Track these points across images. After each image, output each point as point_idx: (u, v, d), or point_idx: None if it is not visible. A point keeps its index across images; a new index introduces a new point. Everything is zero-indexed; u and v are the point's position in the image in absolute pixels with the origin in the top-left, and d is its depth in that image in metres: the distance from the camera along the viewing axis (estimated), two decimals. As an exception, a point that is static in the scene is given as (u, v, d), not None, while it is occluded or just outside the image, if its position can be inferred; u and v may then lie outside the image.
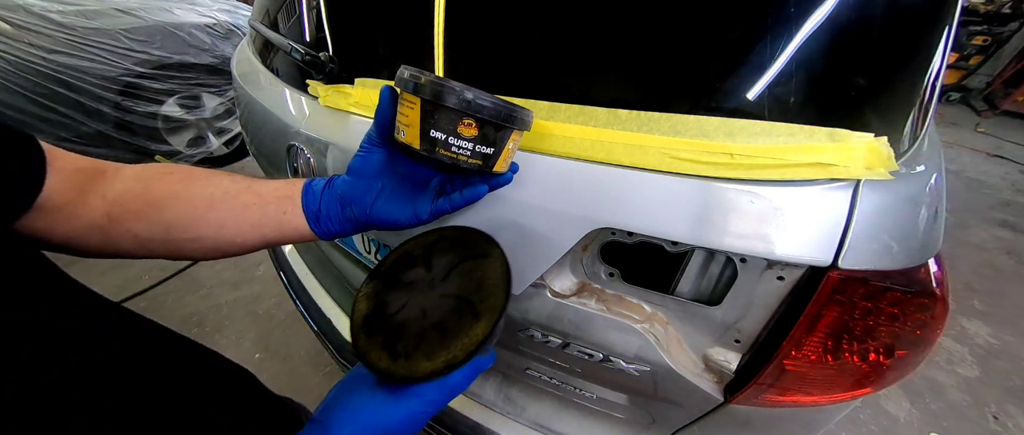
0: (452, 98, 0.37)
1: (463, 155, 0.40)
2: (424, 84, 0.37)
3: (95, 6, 2.18)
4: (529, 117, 0.41)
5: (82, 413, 0.24)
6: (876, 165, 0.39)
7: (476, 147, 0.40)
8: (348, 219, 0.45)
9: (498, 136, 0.40)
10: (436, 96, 0.37)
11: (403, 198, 0.45)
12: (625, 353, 0.56)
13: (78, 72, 2.05)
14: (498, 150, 0.41)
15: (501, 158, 0.42)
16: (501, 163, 0.42)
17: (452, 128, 0.39)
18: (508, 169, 0.45)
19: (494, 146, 0.40)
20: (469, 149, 0.40)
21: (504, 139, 0.40)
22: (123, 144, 2.28)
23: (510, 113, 0.39)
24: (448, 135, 0.39)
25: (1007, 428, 1.51)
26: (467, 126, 0.39)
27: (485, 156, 0.40)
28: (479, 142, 0.40)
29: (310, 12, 0.72)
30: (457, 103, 0.37)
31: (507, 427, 0.80)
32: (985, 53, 5.05)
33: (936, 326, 0.46)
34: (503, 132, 0.40)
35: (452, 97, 0.37)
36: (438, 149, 0.39)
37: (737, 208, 0.42)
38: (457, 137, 0.39)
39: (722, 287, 0.49)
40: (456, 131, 0.39)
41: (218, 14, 2.57)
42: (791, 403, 0.54)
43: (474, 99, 0.37)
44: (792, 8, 0.42)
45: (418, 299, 0.41)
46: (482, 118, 0.38)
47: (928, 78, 0.46)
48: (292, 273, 1.12)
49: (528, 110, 0.41)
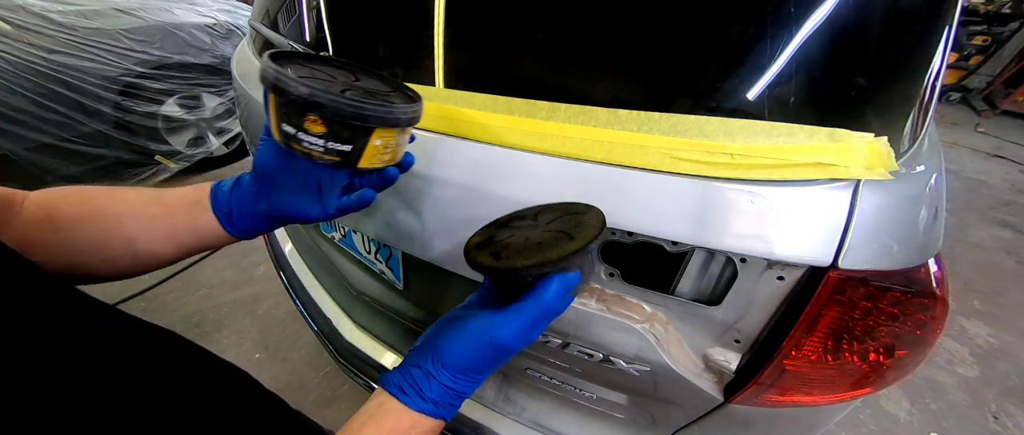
0: (287, 93, 0.35)
1: (316, 151, 0.38)
2: (264, 76, 0.35)
3: (95, 6, 2.18)
4: (401, 114, 0.39)
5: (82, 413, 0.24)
6: (876, 165, 0.39)
7: (328, 144, 0.37)
8: (260, 215, 0.44)
9: (353, 134, 0.38)
10: (275, 90, 0.35)
11: (309, 191, 0.43)
12: (625, 353, 0.56)
13: (78, 72, 2.05)
14: (358, 147, 0.39)
15: (366, 155, 0.39)
16: (369, 159, 0.40)
17: (300, 123, 0.37)
18: (389, 163, 0.43)
19: (351, 143, 0.38)
20: (321, 145, 0.38)
21: (362, 137, 0.38)
22: (123, 144, 2.28)
23: (358, 113, 0.36)
24: (297, 130, 0.37)
25: (1007, 428, 1.51)
26: (313, 122, 0.36)
27: (342, 153, 0.38)
28: (330, 139, 0.37)
29: (310, 12, 0.72)
30: (295, 99, 0.35)
31: (507, 427, 0.80)
32: (985, 53, 5.05)
33: (936, 326, 0.46)
34: (358, 130, 0.38)
35: (287, 92, 0.35)
36: (291, 143, 0.38)
37: (737, 208, 0.42)
38: (305, 132, 0.37)
39: (722, 287, 0.49)
40: (304, 126, 0.37)
41: (218, 14, 2.56)
42: (791, 403, 0.54)
43: (309, 96, 0.35)
44: (792, 8, 0.42)
45: (524, 233, 0.42)
46: (325, 117, 0.36)
47: (928, 78, 0.46)
48: (292, 273, 1.12)
49: (400, 106, 0.39)
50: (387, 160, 0.42)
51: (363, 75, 0.47)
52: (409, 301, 0.81)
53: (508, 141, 0.49)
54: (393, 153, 0.42)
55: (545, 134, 0.48)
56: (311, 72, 0.41)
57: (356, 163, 0.40)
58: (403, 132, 0.42)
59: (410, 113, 0.40)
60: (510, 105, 0.50)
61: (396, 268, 0.75)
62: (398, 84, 0.47)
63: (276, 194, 0.43)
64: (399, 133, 0.41)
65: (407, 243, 0.61)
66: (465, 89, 0.53)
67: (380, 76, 0.48)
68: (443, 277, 0.61)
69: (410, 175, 0.55)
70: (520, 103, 0.49)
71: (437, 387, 0.36)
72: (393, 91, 0.45)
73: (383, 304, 0.87)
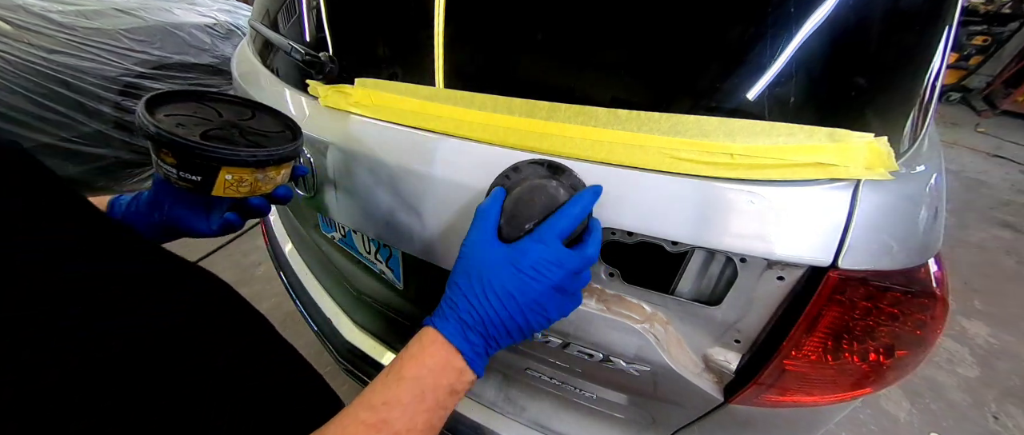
0: (143, 130, 0.41)
1: (172, 177, 0.44)
2: (136, 113, 0.42)
3: (95, 6, 2.18)
4: (248, 156, 0.44)
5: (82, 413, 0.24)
6: (876, 165, 0.39)
7: (181, 173, 0.43)
8: (156, 225, 0.49)
9: (200, 168, 0.43)
10: (138, 128, 0.42)
11: (199, 208, 0.49)
12: (625, 353, 0.56)
13: (78, 72, 2.05)
14: (207, 179, 0.44)
15: (218, 186, 0.45)
16: (223, 189, 0.45)
17: (157, 151, 0.43)
18: (249, 193, 0.48)
19: (202, 174, 0.43)
20: (174, 173, 0.43)
21: (211, 171, 0.43)
22: (123, 144, 2.28)
23: (200, 154, 0.42)
24: (157, 156, 0.44)
25: (1007, 428, 1.51)
26: (165, 154, 0.43)
27: (194, 182, 0.44)
28: (182, 169, 0.43)
29: (310, 12, 0.72)
30: (148, 136, 0.41)
31: (507, 427, 0.80)
32: (985, 53, 5.05)
33: (936, 326, 0.46)
34: (204, 166, 0.43)
35: (143, 130, 0.41)
36: (156, 166, 0.45)
37: (737, 208, 0.42)
38: (161, 160, 0.43)
39: (722, 287, 0.49)
40: (160, 154, 0.43)
41: (218, 14, 2.57)
42: (791, 403, 0.54)
43: (156, 135, 0.41)
44: (792, 8, 0.42)
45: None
46: (173, 152, 0.42)
47: (928, 78, 0.46)
48: (292, 273, 1.12)
49: (243, 150, 0.44)
50: (245, 192, 0.47)
51: (262, 113, 0.54)
52: (409, 301, 0.81)
53: (508, 141, 0.49)
54: (253, 186, 0.48)
55: (545, 134, 0.48)
56: (194, 110, 0.48)
57: (209, 192, 0.45)
58: (262, 170, 0.47)
59: (259, 156, 0.45)
60: (510, 105, 0.50)
61: (396, 268, 0.75)
62: (290, 124, 0.53)
63: (169, 208, 0.48)
64: (256, 171, 0.46)
65: (407, 243, 0.61)
66: (465, 89, 0.53)
67: (277, 115, 0.54)
68: (443, 277, 0.61)
69: (410, 175, 0.55)
70: (520, 103, 0.49)
71: (464, 304, 0.39)
72: (281, 131, 0.52)
73: (383, 304, 0.87)
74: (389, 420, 0.33)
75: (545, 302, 0.39)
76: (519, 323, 0.39)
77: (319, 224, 0.88)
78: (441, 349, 0.37)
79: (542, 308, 0.39)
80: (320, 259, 1.01)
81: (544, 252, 0.39)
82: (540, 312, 0.39)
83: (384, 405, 0.34)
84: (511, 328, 0.39)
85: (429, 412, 0.35)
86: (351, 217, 0.67)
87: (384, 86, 0.58)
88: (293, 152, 0.49)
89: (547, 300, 0.39)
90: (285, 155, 0.48)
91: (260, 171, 0.47)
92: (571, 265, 0.39)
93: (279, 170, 0.50)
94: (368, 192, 0.61)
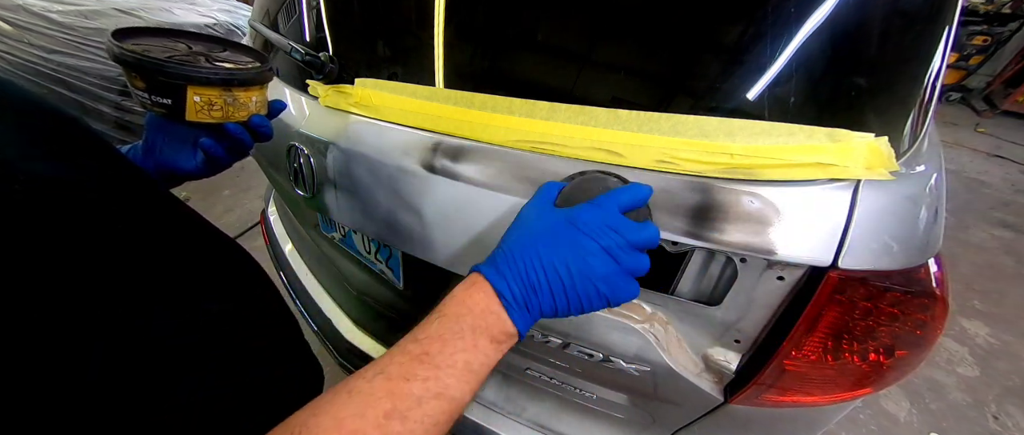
0: (110, 53, 0.43)
1: (146, 103, 0.45)
2: (106, 40, 0.44)
3: (95, 6, 2.18)
4: (210, 73, 0.45)
5: None
6: (876, 165, 0.39)
7: (153, 97, 0.44)
8: (154, 172, 0.51)
9: (168, 89, 0.44)
10: (108, 53, 0.43)
11: (186, 143, 0.51)
12: (625, 353, 0.56)
13: (78, 72, 2.06)
14: (178, 101, 0.44)
15: (190, 109, 0.45)
16: (196, 114, 0.46)
17: (129, 77, 0.45)
18: (223, 119, 0.48)
19: (170, 97, 0.44)
20: (147, 97, 0.45)
21: (179, 92, 0.44)
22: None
23: (159, 69, 0.43)
24: (130, 84, 0.45)
25: (1007, 428, 1.51)
26: (135, 79, 0.44)
27: (165, 105, 0.45)
28: (153, 93, 0.44)
29: (310, 12, 0.72)
30: (116, 58, 0.43)
31: (507, 427, 0.80)
32: (985, 53, 5.04)
33: (936, 326, 0.46)
34: (171, 87, 0.44)
35: (110, 53, 0.43)
36: (134, 97, 0.46)
37: (737, 208, 0.42)
38: (135, 88, 0.45)
39: (722, 287, 0.49)
40: (133, 83, 0.45)
41: (218, 14, 2.57)
42: (791, 403, 0.54)
43: (119, 56, 0.42)
44: (792, 8, 0.42)
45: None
46: (140, 74, 0.43)
47: (928, 78, 0.46)
48: (292, 273, 1.12)
49: (203, 66, 0.46)
50: (218, 116, 0.48)
51: (235, 50, 0.55)
52: (409, 301, 0.81)
53: (508, 141, 0.49)
54: (224, 110, 0.48)
55: (545, 134, 0.48)
56: (165, 44, 0.49)
57: (183, 116, 0.46)
58: (229, 91, 0.47)
59: (221, 74, 0.46)
60: (510, 105, 0.50)
61: (396, 268, 0.75)
62: (260, 57, 0.54)
63: (159, 151, 0.51)
64: (223, 91, 0.46)
65: (407, 243, 0.61)
66: (465, 89, 0.53)
67: (249, 50, 0.55)
68: (443, 277, 0.61)
69: (410, 175, 0.55)
70: (520, 103, 0.49)
71: (510, 253, 0.38)
72: (251, 62, 0.52)
73: (383, 304, 0.87)
74: (430, 353, 0.34)
75: (594, 265, 0.36)
76: (561, 276, 0.36)
77: (319, 224, 0.88)
78: (481, 291, 0.37)
79: (590, 270, 0.36)
80: (320, 259, 1.01)
81: (600, 214, 0.38)
82: (587, 276, 0.36)
83: (427, 338, 0.35)
84: (552, 280, 0.36)
85: (467, 351, 0.35)
86: (351, 217, 0.67)
87: (384, 86, 0.58)
88: (258, 74, 0.49)
89: (596, 263, 0.36)
90: (249, 75, 0.48)
91: (227, 92, 0.47)
92: (627, 233, 0.37)
93: (249, 94, 0.49)
94: (368, 192, 0.61)
